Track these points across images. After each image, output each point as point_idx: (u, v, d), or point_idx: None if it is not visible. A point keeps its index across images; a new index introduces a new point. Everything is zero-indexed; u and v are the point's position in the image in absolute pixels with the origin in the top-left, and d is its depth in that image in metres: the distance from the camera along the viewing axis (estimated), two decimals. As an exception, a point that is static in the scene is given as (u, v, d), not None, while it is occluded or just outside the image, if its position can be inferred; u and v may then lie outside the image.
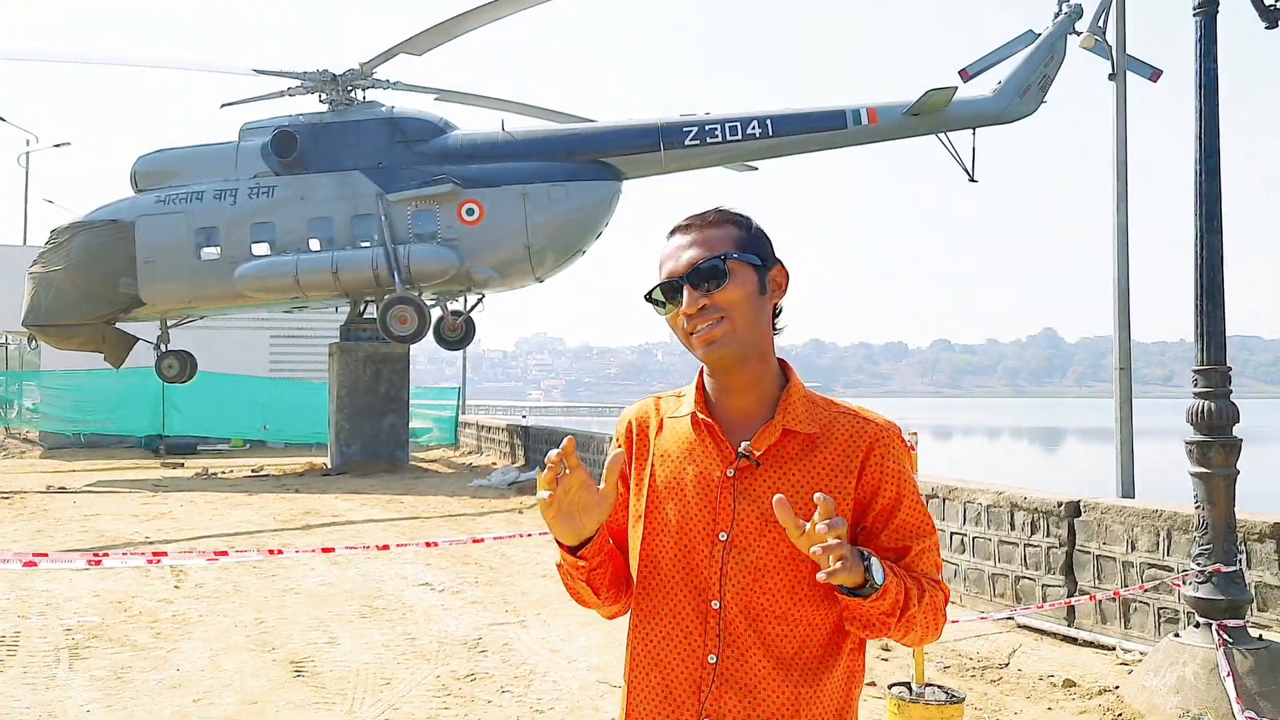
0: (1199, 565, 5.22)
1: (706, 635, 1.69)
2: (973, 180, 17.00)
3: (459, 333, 19.03)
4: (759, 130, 16.62)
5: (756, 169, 18.75)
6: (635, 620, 1.78)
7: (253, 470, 18.68)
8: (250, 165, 17.45)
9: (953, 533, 7.70)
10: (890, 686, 4.63)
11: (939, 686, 4.60)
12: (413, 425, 20.68)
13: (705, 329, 1.70)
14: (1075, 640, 6.48)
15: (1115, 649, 6.20)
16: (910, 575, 1.68)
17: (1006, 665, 6.06)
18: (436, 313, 18.17)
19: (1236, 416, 5.29)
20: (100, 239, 17.35)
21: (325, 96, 17.95)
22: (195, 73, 20.30)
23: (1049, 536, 6.89)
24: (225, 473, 18.41)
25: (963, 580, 7.59)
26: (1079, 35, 12.10)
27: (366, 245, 16.99)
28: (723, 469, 1.72)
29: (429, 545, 8.50)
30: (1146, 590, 6.11)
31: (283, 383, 24.77)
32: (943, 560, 7.69)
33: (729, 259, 1.70)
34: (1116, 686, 5.48)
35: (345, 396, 18.46)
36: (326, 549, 8.16)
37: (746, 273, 1.72)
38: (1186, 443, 5.34)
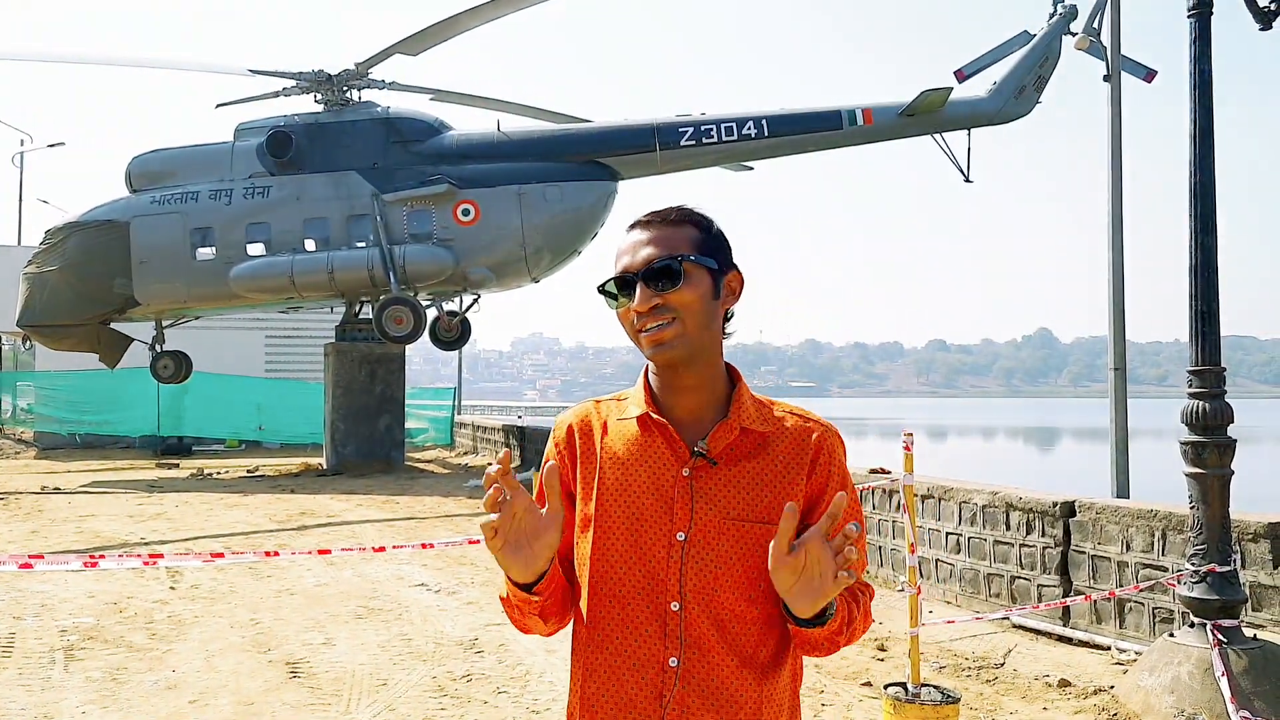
0: (1194, 565, 5.23)
1: (667, 638, 1.66)
2: (968, 181, 17.04)
3: (454, 333, 19.01)
4: (754, 131, 16.65)
5: (752, 169, 18.78)
6: (588, 630, 1.73)
7: (248, 471, 18.66)
8: (245, 165, 17.42)
9: (948, 533, 7.71)
10: (886, 687, 4.63)
11: (935, 686, 4.61)
12: (408, 426, 20.68)
13: (655, 329, 1.67)
14: (1070, 640, 6.49)
15: (1110, 649, 6.22)
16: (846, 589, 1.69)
17: (1002, 665, 6.07)
18: (432, 313, 18.14)
19: (1231, 417, 5.30)
20: (95, 239, 17.30)
21: (321, 97, 17.93)
22: (191, 73, 20.26)
23: (1044, 536, 6.90)
24: (221, 473, 18.38)
25: (958, 580, 7.60)
26: (1074, 36, 12.14)
27: (362, 245, 16.97)
28: (677, 469, 1.70)
29: (425, 546, 8.49)
30: (1141, 590, 6.13)
31: (278, 383, 24.74)
32: (938, 560, 7.70)
33: (685, 260, 1.68)
34: (1111, 686, 5.49)
35: (341, 397, 18.44)
36: (323, 550, 8.15)
37: (701, 275, 1.69)
38: (1181, 443, 5.35)
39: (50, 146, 38.60)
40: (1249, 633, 5.22)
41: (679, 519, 1.68)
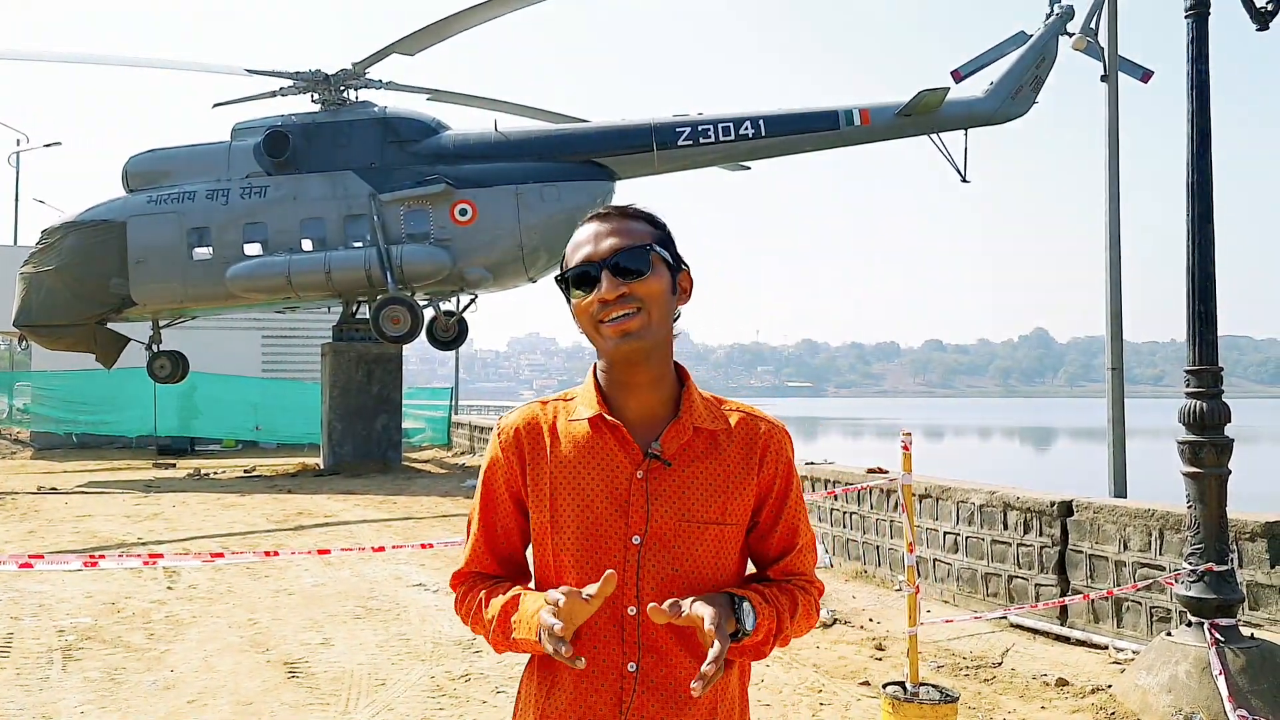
0: (1191, 564, 5.24)
1: (625, 643, 1.66)
2: (965, 181, 17.07)
3: (452, 333, 18.99)
4: (752, 131, 16.66)
5: (750, 168, 18.80)
6: None
7: (245, 471, 18.63)
8: (242, 165, 17.40)
9: (946, 532, 7.73)
10: (885, 686, 4.64)
11: (933, 686, 4.61)
12: (405, 425, 20.65)
13: (621, 318, 1.65)
14: (1068, 639, 6.50)
15: (1108, 648, 6.23)
16: (784, 591, 1.72)
17: (1000, 664, 6.08)
18: (429, 313, 18.14)
19: (1228, 416, 5.32)
20: (92, 239, 17.28)
21: (318, 96, 17.92)
22: (188, 72, 20.23)
23: (1042, 536, 6.92)
24: (218, 473, 18.35)
25: (956, 580, 7.61)
26: (1071, 36, 12.16)
27: (359, 245, 16.96)
28: (630, 471, 1.69)
29: (424, 547, 8.49)
30: (1139, 589, 6.14)
31: (275, 383, 24.71)
32: (936, 559, 7.69)
33: (652, 250, 1.69)
34: (1109, 685, 5.50)
35: (338, 397, 18.43)
36: (322, 550, 8.15)
37: (663, 269, 1.70)
38: (1178, 442, 5.37)
39: (47, 146, 38.53)
40: (1246, 631, 5.23)
41: (634, 522, 1.67)
